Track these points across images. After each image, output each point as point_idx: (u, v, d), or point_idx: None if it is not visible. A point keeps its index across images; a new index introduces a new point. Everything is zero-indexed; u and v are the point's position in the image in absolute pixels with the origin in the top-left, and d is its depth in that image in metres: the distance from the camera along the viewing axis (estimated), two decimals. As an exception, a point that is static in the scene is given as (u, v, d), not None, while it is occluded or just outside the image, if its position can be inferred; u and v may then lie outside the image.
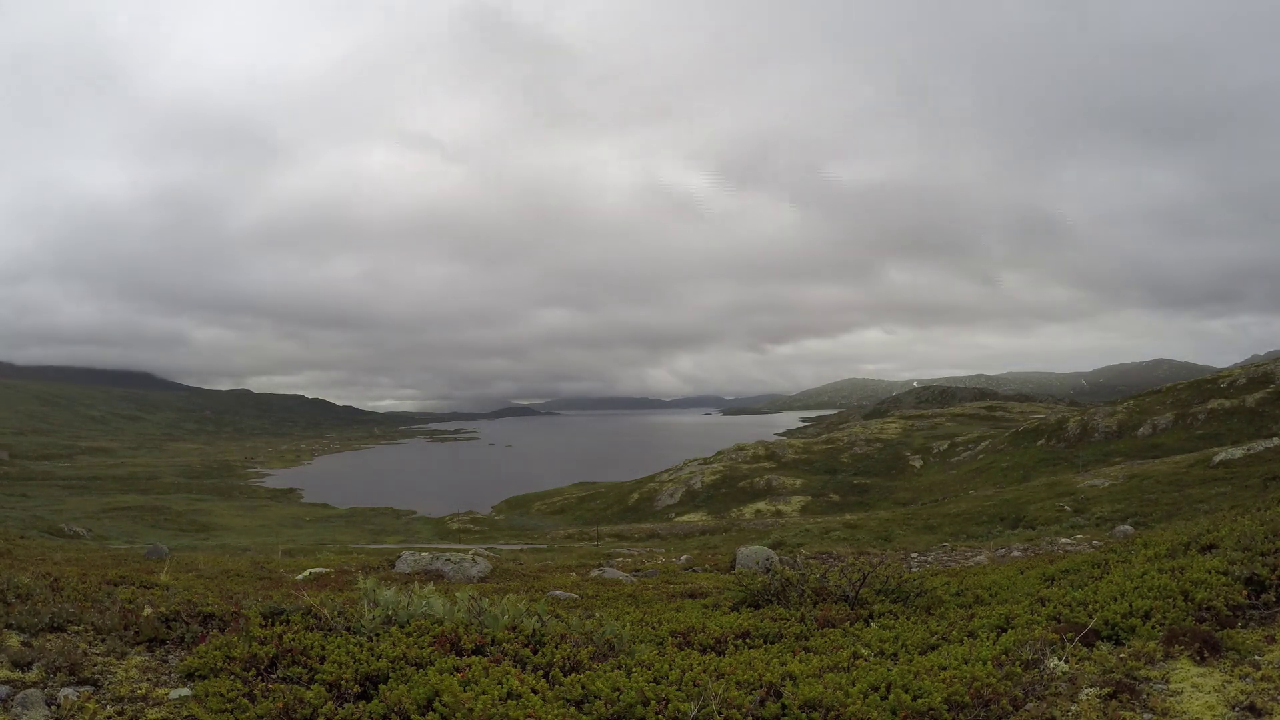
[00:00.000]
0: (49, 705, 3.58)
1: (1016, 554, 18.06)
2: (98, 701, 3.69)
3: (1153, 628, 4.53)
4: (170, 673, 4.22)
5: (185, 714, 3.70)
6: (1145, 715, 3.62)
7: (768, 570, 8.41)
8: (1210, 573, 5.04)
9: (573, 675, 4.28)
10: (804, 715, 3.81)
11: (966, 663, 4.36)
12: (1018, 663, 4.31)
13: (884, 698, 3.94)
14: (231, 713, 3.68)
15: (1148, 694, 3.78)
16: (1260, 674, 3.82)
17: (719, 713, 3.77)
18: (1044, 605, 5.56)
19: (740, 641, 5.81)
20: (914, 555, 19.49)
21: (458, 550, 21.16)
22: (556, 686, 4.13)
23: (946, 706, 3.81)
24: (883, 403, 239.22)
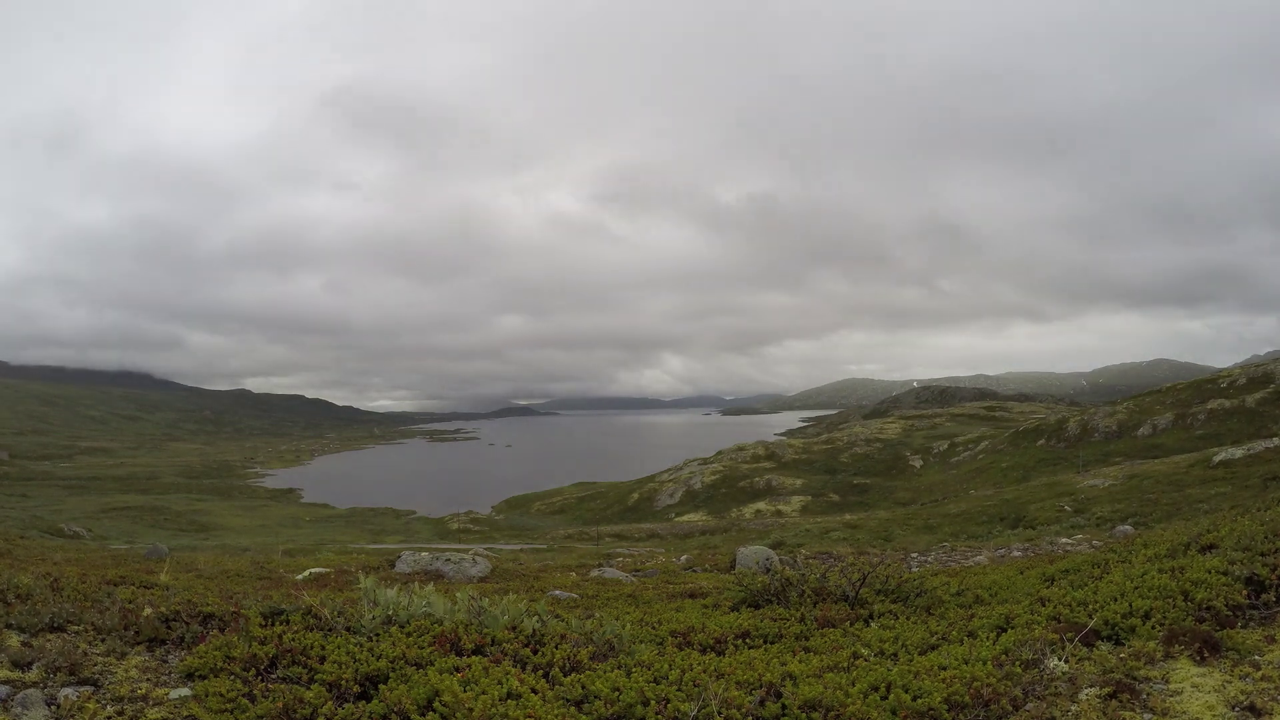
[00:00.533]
0: (49, 705, 3.57)
1: (1016, 554, 18.06)
2: (98, 701, 3.68)
3: (1153, 628, 4.53)
4: (170, 673, 4.22)
5: (185, 714, 3.70)
6: (1145, 715, 3.62)
7: (768, 570, 8.41)
8: (1210, 573, 5.04)
9: (573, 675, 4.28)
10: (804, 715, 3.80)
11: (966, 663, 4.36)
12: (1018, 663, 4.31)
13: (884, 698, 3.94)
14: (231, 713, 3.68)
15: (1148, 694, 3.78)
16: (1260, 674, 3.82)
17: (719, 713, 3.77)
18: (1044, 605, 5.56)
19: (740, 641, 5.81)
20: (914, 555, 19.49)
21: (458, 550, 21.16)
22: (556, 686, 4.13)
23: (946, 706, 3.80)
24: (883, 403, 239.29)
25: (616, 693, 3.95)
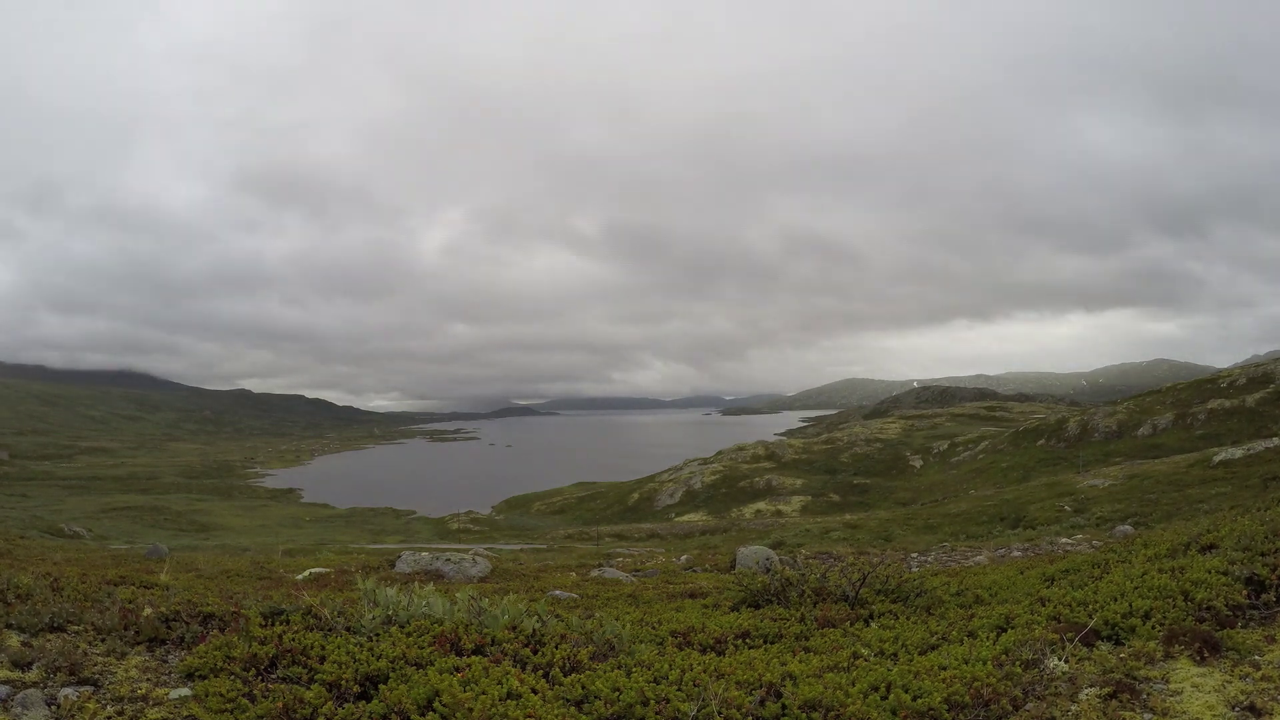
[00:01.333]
0: (49, 705, 3.57)
1: (1016, 554, 18.06)
2: (98, 701, 3.68)
3: (1153, 628, 4.53)
4: (170, 673, 4.22)
5: (185, 714, 3.70)
6: (1145, 715, 3.62)
7: (768, 570, 8.41)
8: (1210, 573, 5.04)
9: (573, 675, 4.28)
10: (804, 715, 3.80)
11: (966, 663, 4.36)
12: (1018, 663, 4.31)
13: (884, 698, 3.94)
14: (231, 713, 3.68)
15: (1148, 694, 3.78)
16: (1260, 674, 3.82)
17: (719, 713, 3.77)
18: (1044, 605, 5.56)
19: (740, 641, 5.81)
20: (914, 555, 19.48)
21: (458, 550, 21.16)
22: (556, 686, 4.13)
23: (946, 706, 3.80)
24: (883, 403, 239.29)
25: (616, 693, 3.95)
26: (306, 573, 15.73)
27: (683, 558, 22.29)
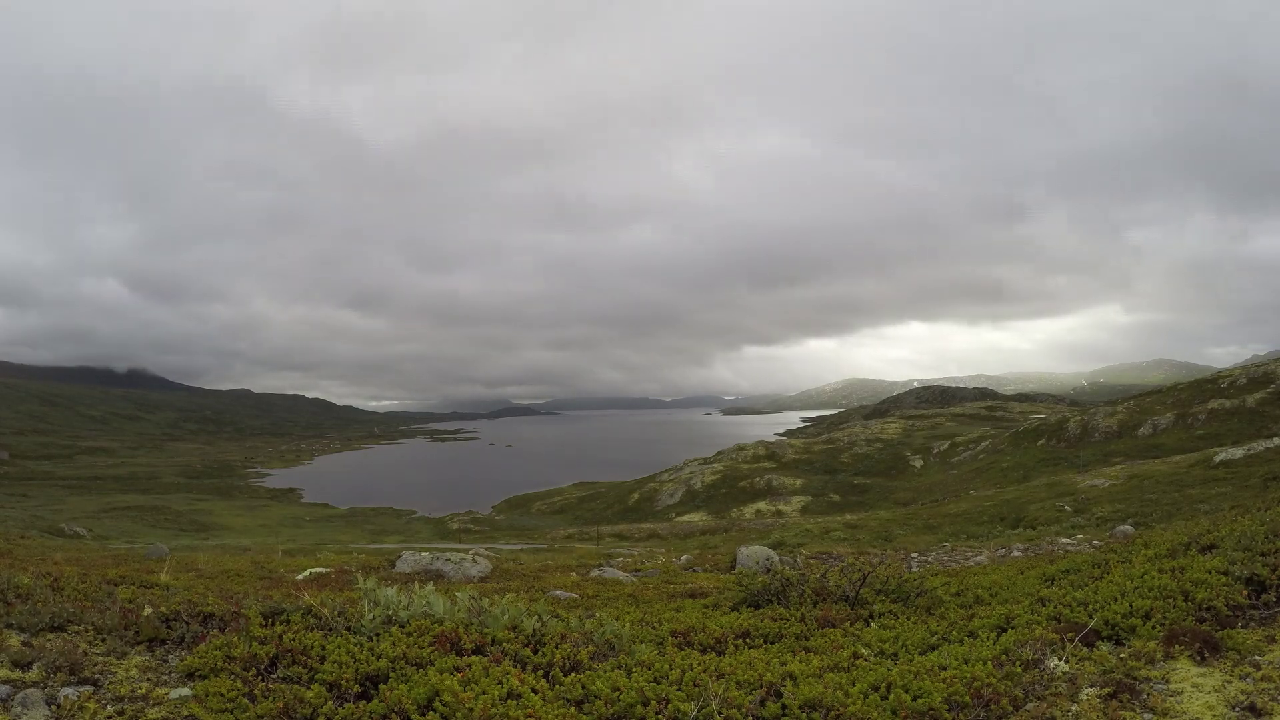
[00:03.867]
0: (49, 705, 3.57)
1: (1017, 554, 18.05)
2: (98, 701, 3.68)
3: (1153, 628, 4.53)
4: (170, 673, 4.22)
5: (185, 714, 3.70)
6: (1145, 715, 3.62)
7: (768, 570, 8.42)
8: (1210, 573, 5.03)
9: (573, 675, 4.28)
10: (804, 715, 3.80)
11: (966, 663, 4.36)
12: (1018, 663, 4.31)
13: (884, 698, 3.94)
14: (231, 712, 3.68)
15: (1148, 694, 3.78)
16: (1260, 674, 3.82)
17: (719, 713, 3.77)
18: (1044, 605, 5.56)
19: (740, 641, 5.81)
20: (914, 555, 19.48)
21: (458, 550, 21.15)
22: (557, 686, 4.13)
23: (946, 706, 3.80)
24: (883, 403, 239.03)
25: (617, 693, 3.95)
26: (307, 573, 15.73)
27: (683, 558, 22.29)
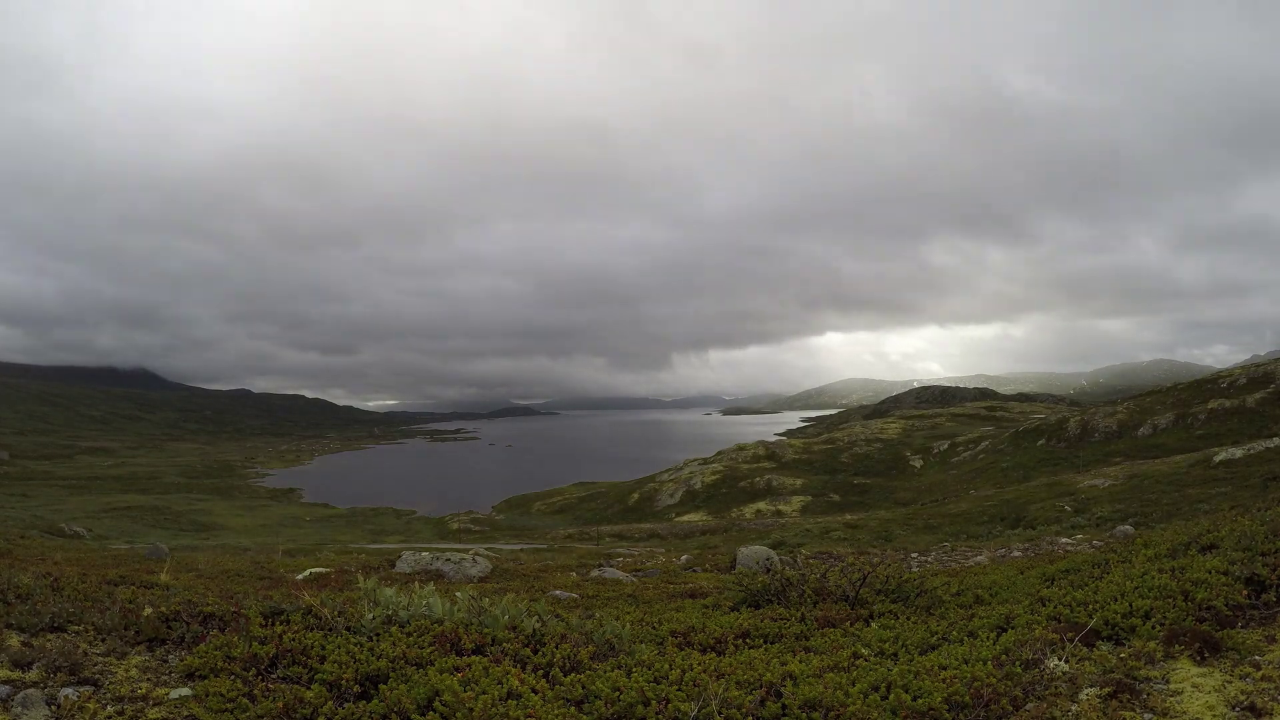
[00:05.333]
0: (49, 705, 3.57)
1: (1017, 554, 18.05)
2: (98, 701, 3.68)
3: (1153, 628, 4.53)
4: (170, 673, 4.22)
5: (185, 714, 3.70)
6: (1145, 715, 3.62)
7: (768, 570, 8.42)
8: (1210, 573, 5.03)
9: (573, 675, 4.28)
10: (804, 715, 3.80)
11: (966, 663, 4.36)
12: (1018, 663, 4.31)
13: (884, 697, 3.94)
14: (232, 712, 3.68)
15: (1148, 694, 3.78)
16: (1260, 674, 3.82)
17: (719, 713, 3.77)
18: (1044, 605, 5.56)
19: (740, 641, 5.81)
20: (914, 555, 19.49)
21: (458, 550, 21.15)
22: (557, 686, 4.13)
23: (946, 706, 3.80)
24: (883, 402, 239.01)
25: (617, 692, 3.95)
26: (307, 572, 15.73)
27: (683, 558, 22.29)
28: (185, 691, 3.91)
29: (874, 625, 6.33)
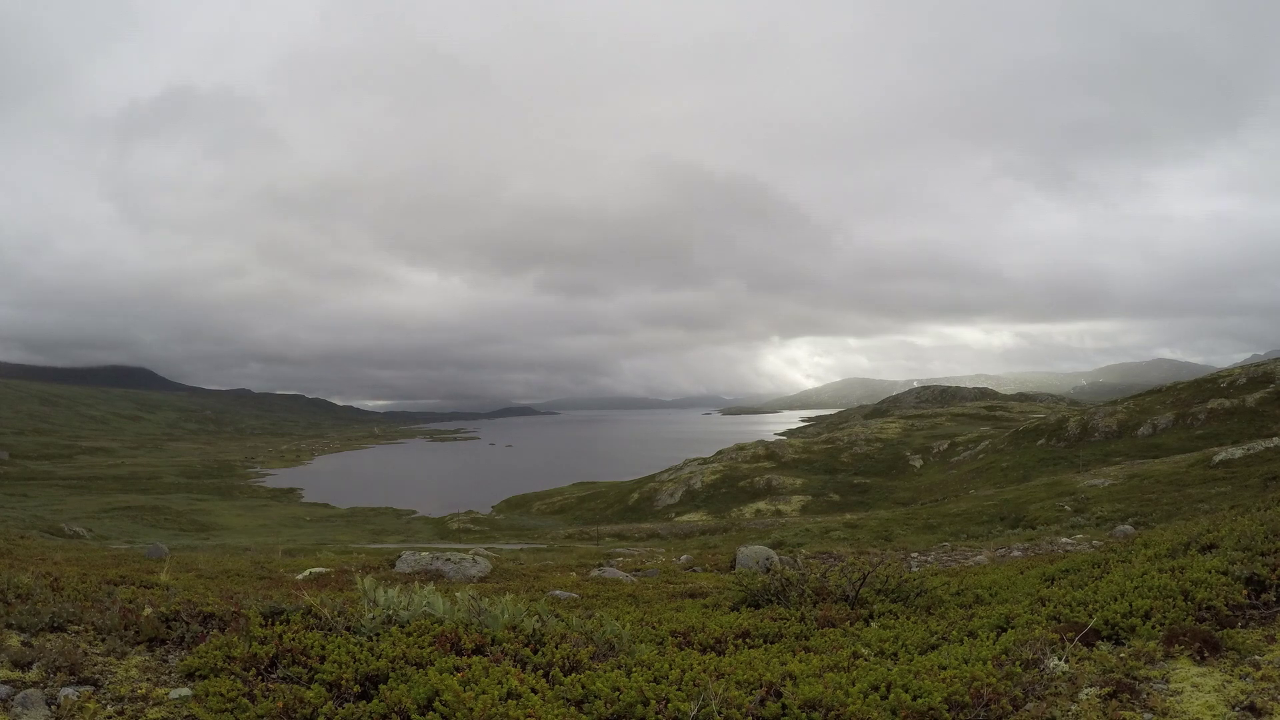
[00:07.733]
0: (49, 705, 3.58)
1: (1017, 554, 18.06)
2: (98, 701, 3.69)
3: (1153, 627, 4.53)
4: (170, 672, 4.22)
5: (185, 714, 3.70)
6: (1145, 715, 3.62)
7: (768, 570, 8.42)
8: (1210, 572, 5.03)
9: (573, 675, 4.28)
10: (804, 715, 3.80)
11: (966, 662, 4.36)
12: (1018, 662, 4.31)
13: (884, 697, 3.94)
14: (231, 712, 3.68)
15: (1148, 694, 3.78)
16: (1260, 674, 3.82)
17: (719, 712, 3.77)
18: (1044, 605, 5.56)
19: (740, 641, 5.81)
20: (914, 555, 19.49)
21: (458, 550, 21.16)
22: (556, 686, 4.13)
23: (946, 706, 3.80)
24: (883, 402, 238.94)
25: (617, 692, 3.95)
26: (307, 572, 15.73)
27: (683, 557, 22.29)
28: (185, 691, 3.91)
29: (874, 625, 6.33)
